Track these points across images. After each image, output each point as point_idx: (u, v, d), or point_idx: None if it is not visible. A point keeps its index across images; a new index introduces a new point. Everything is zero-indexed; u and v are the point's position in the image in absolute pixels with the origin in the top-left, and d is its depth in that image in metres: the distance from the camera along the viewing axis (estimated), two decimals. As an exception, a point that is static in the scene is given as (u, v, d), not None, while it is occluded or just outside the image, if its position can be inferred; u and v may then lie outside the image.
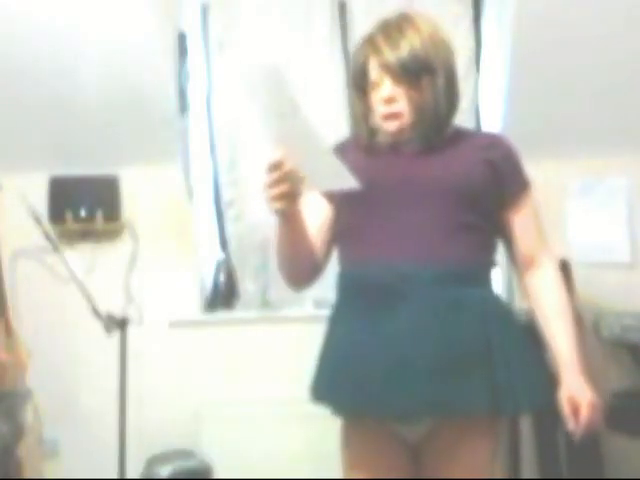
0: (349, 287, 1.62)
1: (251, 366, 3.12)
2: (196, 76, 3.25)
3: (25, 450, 2.55)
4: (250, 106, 1.42)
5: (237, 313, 3.28)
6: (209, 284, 3.31)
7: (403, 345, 1.49)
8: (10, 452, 2.45)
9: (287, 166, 1.37)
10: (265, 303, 3.24)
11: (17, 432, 2.52)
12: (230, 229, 3.30)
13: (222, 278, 3.28)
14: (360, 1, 3.18)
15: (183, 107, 3.20)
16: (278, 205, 1.41)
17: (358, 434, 1.62)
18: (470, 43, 3.20)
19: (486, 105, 3.25)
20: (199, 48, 3.25)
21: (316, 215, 1.65)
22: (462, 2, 3.18)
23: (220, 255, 3.31)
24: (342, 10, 3.22)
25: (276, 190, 1.39)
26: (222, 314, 3.26)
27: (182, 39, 3.19)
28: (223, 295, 3.28)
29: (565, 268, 3.11)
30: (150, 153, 3.12)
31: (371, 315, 1.54)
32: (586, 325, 3.10)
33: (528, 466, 3.02)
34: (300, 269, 1.65)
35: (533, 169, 3.06)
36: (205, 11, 3.23)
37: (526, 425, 3.01)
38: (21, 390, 2.65)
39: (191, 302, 3.25)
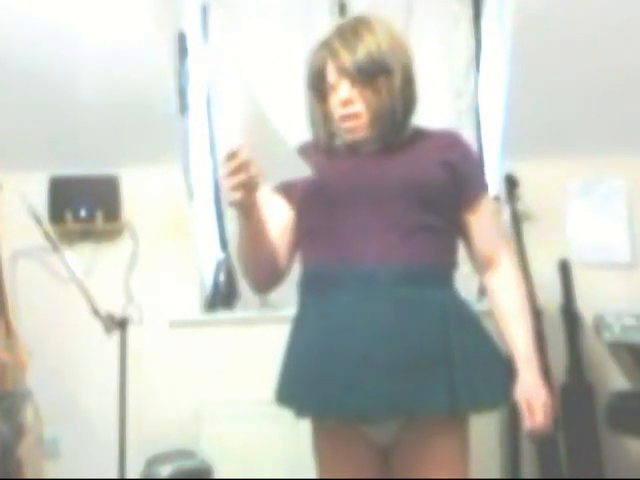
0: (310, 288, 1.63)
1: (251, 366, 3.12)
2: (196, 76, 3.25)
3: (25, 450, 2.55)
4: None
5: (237, 313, 3.28)
6: (209, 284, 3.31)
7: (362, 346, 1.50)
8: (10, 452, 2.45)
9: (243, 155, 1.37)
10: (265, 303, 3.24)
11: (17, 432, 2.52)
12: (230, 229, 3.30)
13: (222, 278, 3.28)
14: (360, 1, 3.17)
15: (183, 107, 3.20)
16: (236, 196, 1.40)
17: (326, 437, 1.63)
18: (470, 43, 3.20)
19: (486, 105, 3.25)
20: (199, 48, 3.25)
21: (277, 219, 1.65)
22: (462, 2, 3.18)
23: (220, 255, 3.31)
24: (342, 10, 3.21)
25: (233, 180, 1.38)
26: (222, 314, 3.26)
27: (182, 39, 3.19)
28: (223, 295, 3.27)
29: (565, 268, 3.12)
30: (150, 153, 3.12)
31: (331, 316, 1.55)
32: (586, 325, 3.11)
33: (528, 466, 3.02)
34: (261, 270, 1.64)
35: (533, 169, 3.11)
36: (205, 11, 3.23)
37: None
38: (21, 390, 2.64)
39: (191, 302, 3.25)
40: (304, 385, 1.55)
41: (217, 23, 3.22)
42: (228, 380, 3.12)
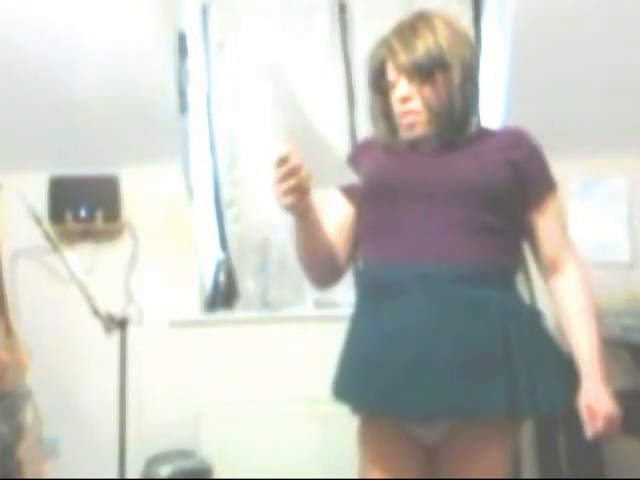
0: (369, 285, 1.62)
1: (251, 366, 3.12)
2: (196, 76, 3.25)
3: (25, 450, 2.55)
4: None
5: (237, 313, 3.28)
6: (209, 284, 3.31)
7: (422, 345, 1.48)
8: (10, 452, 2.45)
9: (294, 161, 1.37)
10: (265, 303, 3.24)
11: (17, 432, 2.52)
12: (230, 229, 3.30)
13: (222, 278, 3.28)
14: (360, 1, 3.18)
15: (183, 107, 3.20)
16: (287, 200, 1.40)
17: (374, 434, 1.62)
18: (470, 43, 3.20)
19: (486, 105, 3.25)
20: (199, 48, 3.25)
21: (337, 215, 1.67)
22: (462, 2, 3.18)
23: (220, 255, 3.31)
24: (342, 10, 3.22)
25: (284, 185, 1.39)
26: (222, 314, 3.26)
27: (182, 39, 3.19)
28: (223, 295, 3.27)
29: (565, 268, 3.12)
30: (150, 153, 3.12)
31: (390, 314, 1.53)
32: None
33: (528, 466, 3.02)
34: (318, 268, 1.65)
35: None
36: (205, 11, 3.23)
37: (527, 425, 3.01)
38: (21, 390, 2.64)
39: (191, 302, 3.25)
40: (361, 383, 1.54)
41: (217, 23, 3.22)
42: (228, 380, 3.13)
